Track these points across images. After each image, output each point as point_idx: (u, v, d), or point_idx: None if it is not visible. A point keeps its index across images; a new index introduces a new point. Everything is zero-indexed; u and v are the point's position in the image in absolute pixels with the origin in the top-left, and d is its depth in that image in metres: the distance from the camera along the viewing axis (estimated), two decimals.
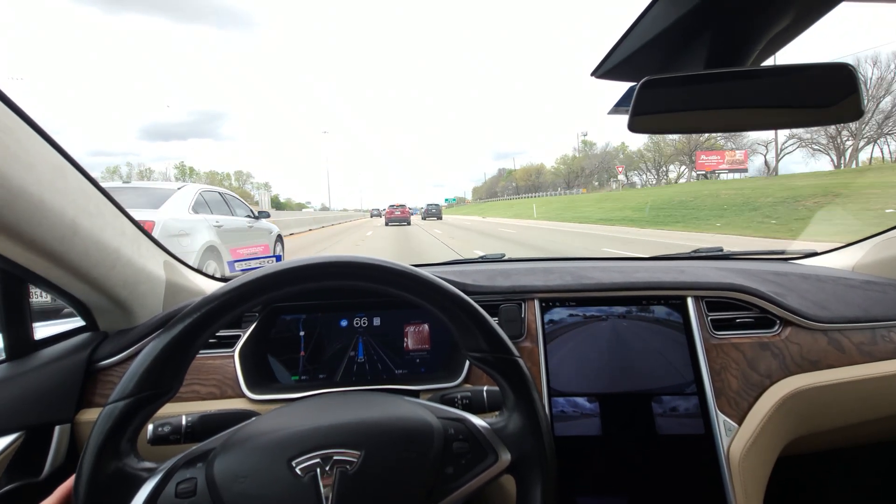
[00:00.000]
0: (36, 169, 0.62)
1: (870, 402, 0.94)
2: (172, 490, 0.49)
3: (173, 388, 0.54)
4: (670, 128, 0.65)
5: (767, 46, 0.60)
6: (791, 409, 0.89)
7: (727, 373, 0.91)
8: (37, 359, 0.80)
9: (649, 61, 0.64)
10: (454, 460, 0.55)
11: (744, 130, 0.77)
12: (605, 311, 0.96)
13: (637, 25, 0.58)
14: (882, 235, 1.19)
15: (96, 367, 0.85)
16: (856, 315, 0.97)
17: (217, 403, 0.87)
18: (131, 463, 0.51)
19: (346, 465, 0.51)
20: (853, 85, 0.58)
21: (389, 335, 0.98)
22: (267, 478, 0.50)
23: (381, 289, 0.58)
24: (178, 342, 0.53)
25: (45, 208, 0.64)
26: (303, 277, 0.56)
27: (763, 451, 0.87)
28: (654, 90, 0.59)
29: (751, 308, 0.97)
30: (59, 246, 0.68)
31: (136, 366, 0.52)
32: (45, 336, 0.85)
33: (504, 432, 0.58)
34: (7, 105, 0.60)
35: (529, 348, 0.93)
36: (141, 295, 0.89)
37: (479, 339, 0.59)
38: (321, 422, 0.55)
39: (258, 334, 0.93)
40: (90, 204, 0.74)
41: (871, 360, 0.94)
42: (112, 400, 0.51)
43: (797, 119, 0.64)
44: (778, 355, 0.93)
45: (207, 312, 0.53)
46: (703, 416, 0.88)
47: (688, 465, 0.86)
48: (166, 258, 0.99)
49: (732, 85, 0.60)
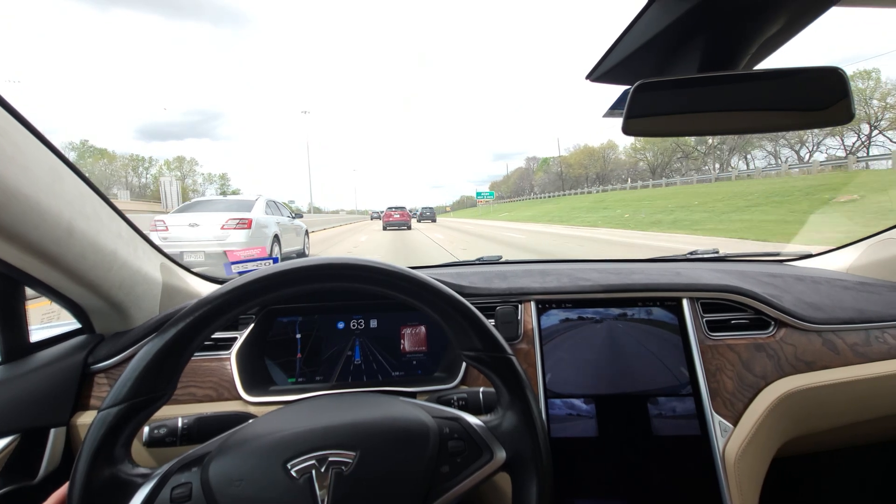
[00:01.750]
0: (32, 171, 0.62)
1: (864, 402, 0.95)
2: (167, 495, 0.49)
3: (168, 393, 0.54)
4: (664, 131, 0.65)
5: (760, 50, 0.60)
6: (786, 410, 0.90)
7: (722, 374, 0.91)
8: (33, 361, 0.79)
9: (643, 65, 0.65)
10: (449, 459, 0.55)
11: (736, 133, 0.78)
12: (602, 312, 0.97)
13: (631, 29, 0.59)
14: (876, 237, 1.20)
15: (92, 370, 0.85)
16: (850, 316, 0.98)
17: (213, 406, 0.86)
18: (125, 469, 0.51)
19: (342, 466, 0.51)
20: (844, 88, 0.58)
21: (386, 337, 0.98)
22: (262, 481, 0.50)
23: (376, 290, 0.58)
24: (173, 346, 0.53)
25: (42, 210, 0.64)
26: (298, 279, 0.56)
27: (758, 451, 0.87)
28: (648, 93, 0.60)
29: (746, 309, 0.98)
30: (56, 248, 0.68)
31: (129, 371, 0.52)
32: (41, 339, 0.85)
33: (499, 430, 0.58)
34: (3, 107, 0.60)
35: (526, 350, 0.93)
36: (137, 297, 0.89)
37: (473, 338, 0.59)
38: (316, 423, 0.55)
39: (255, 336, 0.93)
40: (86, 206, 0.74)
41: (866, 361, 0.94)
42: (105, 406, 0.50)
43: (789, 122, 0.64)
44: (773, 356, 0.93)
45: (202, 315, 0.53)
46: (699, 417, 0.89)
47: (684, 466, 0.87)
48: (163, 260, 0.99)
49: (725, 88, 0.61)
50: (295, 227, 9.03)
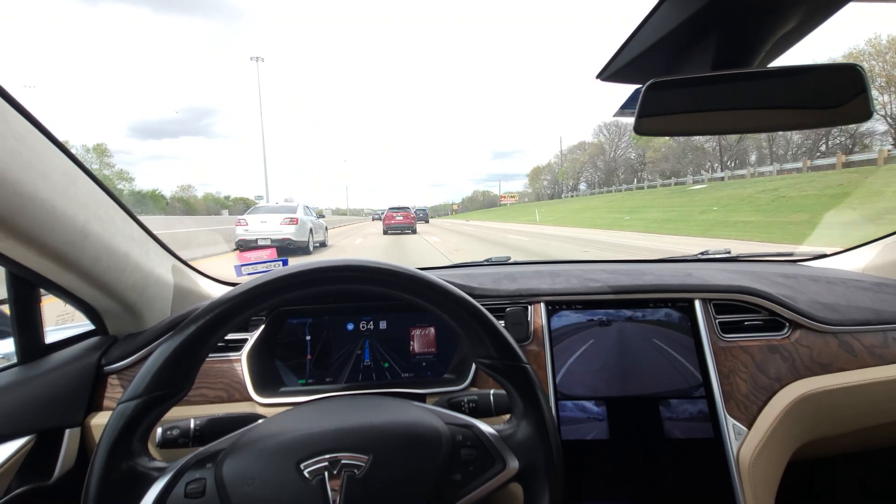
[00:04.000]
0: (48, 176, 0.63)
1: (882, 405, 0.93)
2: (182, 490, 0.50)
3: (184, 389, 0.55)
4: (677, 130, 0.64)
5: (774, 48, 0.60)
6: (801, 413, 0.88)
7: (736, 376, 0.90)
8: (48, 362, 0.80)
9: (655, 63, 0.64)
10: (462, 467, 0.54)
11: (751, 132, 0.77)
12: (612, 314, 0.96)
13: (643, 28, 0.58)
14: (893, 236, 1.18)
15: (106, 371, 0.86)
16: (866, 317, 0.96)
17: (225, 407, 0.87)
18: (142, 462, 0.52)
19: (354, 469, 0.51)
20: (862, 85, 0.57)
21: (395, 338, 0.98)
22: (275, 480, 0.50)
23: (388, 292, 0.58)
24: (190, 344, 0.53)
25: (57, 214, 0.65)
26: (310, 281, 0.56)
27: (773, 455, 0.86)
28: (660, 92, 0.59)
29: (759, 311, 0.97)
30: (71, 251, 0.69)
31: (148, 366, 0.53)
32: (56, 340, 0.86)
33: (512, 440, 0.57)
34: (20, 113, 0.61)
35: (536, 351, 0.93)
36: (150, 299, 0.90)
37: (488, 346, 0.59)
38: (329, 425, 0.55)
39: (265, 338, 0.94)
40: (100, 210, 0.75)
41: (883, 363, 0.92)
42: (125, 399, 0.51)
43: (805, 120, 0.63)
44: (787, 358, 0.92)
45: (218, 315, 0.54)
46: (712, 419, 0.88)
47: (696, 470, 0.86)
48: (174, 262, 1.00)
49: (739, 86, 0.60)
50: (319, 224, 12.77)
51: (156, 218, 17.58)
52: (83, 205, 0.70)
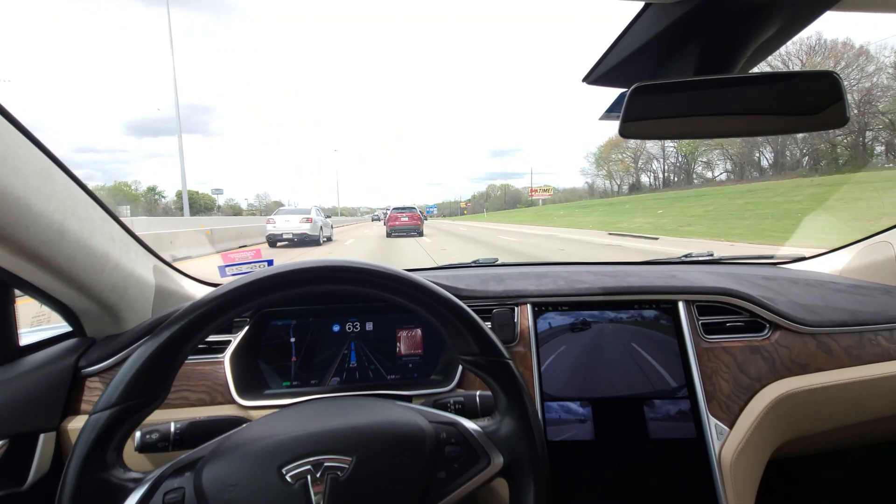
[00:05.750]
0: (23, 172, 0.61)
1: (859, 404, 0.95)
2: (160, 500, 0.48)
3: (160, 397, 0.53)
4: (660, 133, 0.65)
5: (755, 54, 0.61)
6: (781, 412, 0.90)
7: (718, 376, 0.92)
8: (22, 365, 0.78)
9: (640, 68, 0.65)
10: (446, 464, 0.54)
11: (732, 136, 0.78)
12: (598, 315, 0.97)
13: (627, 33, 0.59)
14: (869, 240, 1.21)
15: (83, 374, 0.84)
16: (844, 319, 0.99)
17: (207, 410, 0.85)
18: (117, 473, 0.50)
19: (338, 471, 0.50)
20: (838, 92, 0.59)
21: (382, 340, 0.97)
22: (257, 486, 0.49)
23: (372, 293, 0.57)
24: (165, 349, 0.52)
25: (32, 212, 0.63)
26: (292, 282, 0.55)
27: (754, 453, 0.87)
28: (645, 96, 0.60)
29: (741, 312, 0.98)
30: (47, 250, 0.67)
31: (121, 374, 0.51)
32: (31, 342, 0.84)
33: (496, 435, 0.57)
34: None
35: (522, 353, 0.93)
36: (130, 300, 0.88)
37: (471, 343, 0.58)
38: (311, 428, 0.54)
39: (249, 340, 0.93)
40: (78, 208, 0.73)
41: (860, 364, 0.95)
42: (97, 409, 0.50)
43: (784, 126, 0.65)
44: (768, 359, 0.94)
45: (195, 319, 0.52)
46: (695, 419, 0.89)
47: (680, 469, 0.87)
48: (156, 263, 0.98)
49: (721, 92, 0.61)
50: (327, 223, 15.32)
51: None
52: (60, 202, 0.68)
